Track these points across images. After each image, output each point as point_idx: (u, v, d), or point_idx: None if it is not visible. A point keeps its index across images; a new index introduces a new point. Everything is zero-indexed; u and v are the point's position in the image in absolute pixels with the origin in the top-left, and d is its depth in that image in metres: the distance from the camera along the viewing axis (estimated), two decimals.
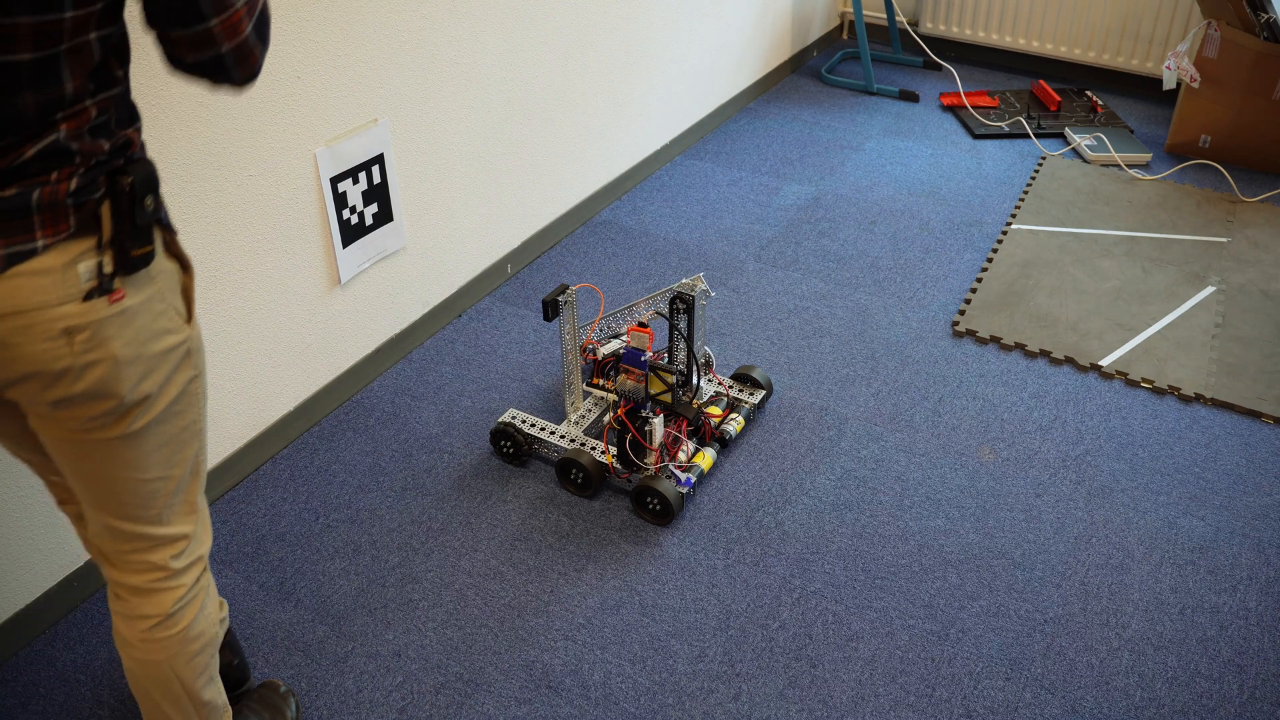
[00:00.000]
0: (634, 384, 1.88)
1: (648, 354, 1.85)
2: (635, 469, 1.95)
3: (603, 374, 2.15)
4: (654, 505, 1.93)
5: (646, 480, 1.91)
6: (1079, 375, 2.33)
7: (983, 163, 3.31)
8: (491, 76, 2.43)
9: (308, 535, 1.95)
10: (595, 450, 2.02)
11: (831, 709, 1.61)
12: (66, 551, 1.78)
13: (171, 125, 1.72)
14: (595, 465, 1.97)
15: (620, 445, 1.94)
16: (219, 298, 1.91)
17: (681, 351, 2.05)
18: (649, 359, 1.85)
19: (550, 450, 2.07)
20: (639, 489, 1.93)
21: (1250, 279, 2.65)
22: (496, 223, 2.64)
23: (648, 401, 1.88)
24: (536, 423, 2.09)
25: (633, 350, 1.86)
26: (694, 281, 1.99)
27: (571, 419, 2.12)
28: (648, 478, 1.92)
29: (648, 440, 1.91)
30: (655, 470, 1.94)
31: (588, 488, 2.00)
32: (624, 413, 1.90)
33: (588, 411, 2.15)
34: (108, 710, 1.63)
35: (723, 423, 2.08)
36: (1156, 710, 1.60)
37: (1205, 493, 2.00)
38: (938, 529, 1.93)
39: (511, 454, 2.09)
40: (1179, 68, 3.18)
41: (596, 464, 1.98)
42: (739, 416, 2.11)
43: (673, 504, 1.90)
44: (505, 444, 2.08)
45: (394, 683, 1.66)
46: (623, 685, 1.65)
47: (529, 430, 2.07)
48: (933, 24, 4.04)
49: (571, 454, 1.98)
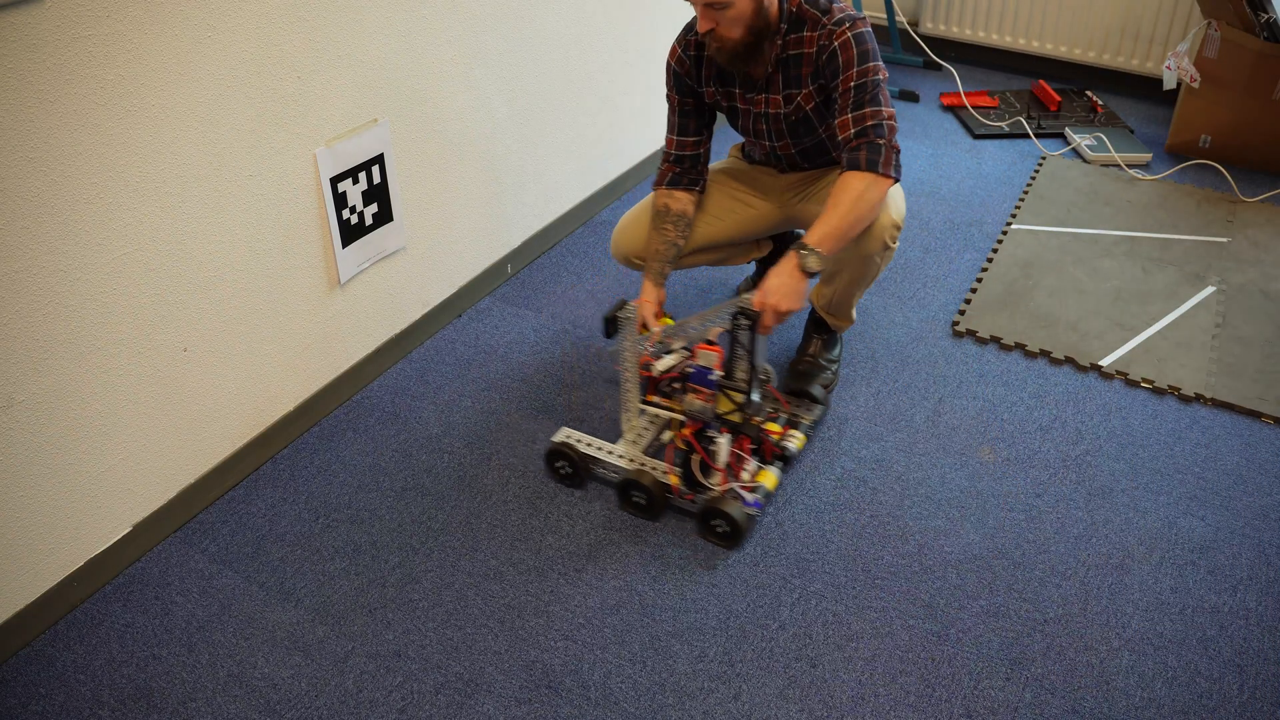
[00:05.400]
0: (702, 403, 1.82)
1: (717, 373, 1.79)
2: (700, 490, 1.89)
3: (657, 391, 2.01)
4: (721, 528, 1.86)
5: (713, 502, 1.85)
6: (1079, 375, 2.33)
7: (983, 163, 3.30)
8: (491, 76, 2.44)
9: (308, 535, 1.95)
10: (657, 471, 1.94)
11: (831, 709, 1.61)
12: (66, 551, 1.79)
13: (171, 125, 1.72)
14: (658, 486, 1.90)
15: (685, 466, 1.87)
16: (219, 298, 1.92)
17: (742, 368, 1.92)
18: (718, 378, 1.79)
19: (609, 471, 2.00)
20: (705, 511, 1.86)
21: (1250, 279, 2.65)
22: (496, 223, 2.64)
23: (715, 421, 1.82)
24: (593, 442, 2.02)
25: (701, 369, 1.80)
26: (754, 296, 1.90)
27: (629, 437, 2.00)
28: (714, 499, 1.85)
29: (714, 460, 1.84)
30: (721, 491, 1.87)
31: (650, 510, 1.93)
32: (691, 433, 1.84)
33: (644, 429, 2.04)
34: (108, 710, 1.63)
35: (782, 440, 1.99)
36: (1156, 710, 1.60)
37: (1205, 493, 2.00)
38: (938, 529, 1.93)
39: (568, 475, 2.02)
40: (1179, 68, 3.18)
41: (659, 485, 1.90)
42: (798, 433, 2.02)
43: (741, 526, 1.83)
44: (562, 464, 2.01)
45: (394, 683, 1.66)
46: (623, 685, 1.65)
47: (586, 450, 2.00)
48: (933, 24, 4.04)
49: (633, 475, 1.91)
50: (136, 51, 1.63)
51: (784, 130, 2.07)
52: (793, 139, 2.09)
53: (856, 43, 1.87)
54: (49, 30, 1.50)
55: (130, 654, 1.73)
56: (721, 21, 1.85)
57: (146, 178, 1.71)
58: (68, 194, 1.60)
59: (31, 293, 1.59)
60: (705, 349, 1.83)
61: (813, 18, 1.91)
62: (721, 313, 1.89)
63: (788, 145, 2.11)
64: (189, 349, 1.89)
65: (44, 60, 1.50)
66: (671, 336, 1.97)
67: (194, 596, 1.83)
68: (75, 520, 1.78)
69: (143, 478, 1.88)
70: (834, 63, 1.89)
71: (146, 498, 1.90)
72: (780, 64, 1.96)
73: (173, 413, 1.90)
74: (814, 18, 1.91)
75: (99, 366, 1.74)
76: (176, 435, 1.92)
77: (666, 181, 2.14)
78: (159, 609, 1.81)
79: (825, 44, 1.90)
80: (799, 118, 2.03)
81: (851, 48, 1.87)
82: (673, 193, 2.14)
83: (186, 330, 1.87)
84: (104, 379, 1.75)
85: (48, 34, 1.50)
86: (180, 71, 1.70)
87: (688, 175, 2.14)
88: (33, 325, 1.61)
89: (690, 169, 2.14)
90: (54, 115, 1.54)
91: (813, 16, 1.91)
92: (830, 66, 1.90)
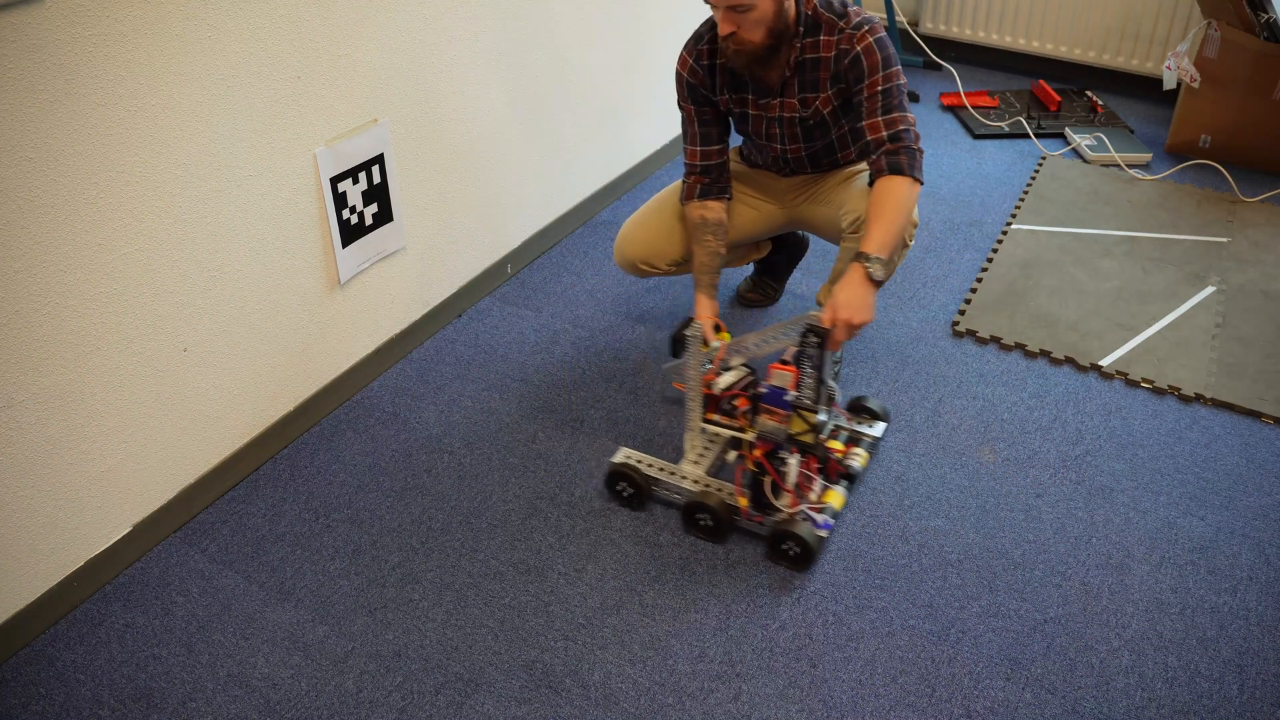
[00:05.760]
0: (776, 424, 1.78)
1: (792, 393, 1.75)
2: (769, 512, 1.84)
3: (717, 409, 1.94)
4: (792, 550, 1.81)
5: (783, 524, 1.81)
6: (1079, 375, 2.33)
7: (983, 163, 3.30)
8: (491, 76, 2.43)
9: (308, 535, 1.95)
10: (723, 492, 1.89)
11: (831, 709, 1.61)
12: (66, 551, 1.79)
13: (171, 126, 1.72)
14: (725, 509, 1.85)
15: (755, 488, 1.83)
16: (219, 298, 1.92)
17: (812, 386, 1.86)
18: (794, 398, 1.75)
19: (672, 492, 1.95)
20: (776, 534, 1.82)
21: (1250, 279, 2.65)
22: (496, 222, 2.64)
23: (788, 442, 1.79)
24: (654, 463, 1.97)
25: (775, 390, 1.76)
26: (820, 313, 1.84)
27: (690, 458, 1.97)
28: (784, 522, 1.81)
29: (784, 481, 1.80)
30: (792, 513, 1.83)
31: (717, 532, 1.88)
32: (762, 454, 1.80)
33: (705, 449, 1.99)
34: (108, 710, 1.63)
35: (846, 458, 1.96)
36: (1156, 710, 1.60)
37: (1205, 493, 2.00)
38: (938, 529, 1.93)
39: (630, 497, 1.96)
40: (1179, 68, 3.18)
41: (727, 507, 1.85)
42: (862, 451, 2.00)
43: (813, 549, 1.79)
44: (624, 486, 1.96)
45: (394, 683, 1.66)
46: (623, 685, 1.65)
47: (649, 471, 1.95)
48: (933, 24, 4.04)
49: (699, 497, 1.86)
50: (136, 51, 1.63)
51: (798, 134, 2.07)
52: (805, 142, 2.09)
53: (879, 47, 1.90)
54: (49, 30, 1.50)
55: (130, 654, 1.73)
56: (743, 25, 1.85)
57: (146, 178, 1.71)
58: (68, 194, 1.60)
59: (31, 292, 1.59)
60: (780, 369, 1.76)
61: (829, 22, 1.92)
62: (787, 330, 1.86)
63: (799, 149, 2.11)
64: (189, 349, 1.89)
65: (44, 60, 1.50)
66: (733, 353, 1.94)
67: (194, 596, 1.83)
68: (75, 520, 1.78)
69: (143, 478, 1.88)
70: (858, 67, 1.90)
71: (146, 498, 1.90)
72: (798, 68, 1.97)
73: (173, 413, 1.90)
74: (830, 22, 1.92)
75: (99, 366, 1.74)
76: (176, 435, 1.92)
77: (698, 194, 2.12)
78: (159, 609, 1.81)
79: (846, 48, 1.91)
80: (816, 121, 2.03)
81: (875, 52, 1.89)
82: (706, 203, 2.12)
83: (186, 330, 1.87)
84: (104, 379, 1.75)
85: (48, 34, 1.50)
86: (180, 71, 1.70)
87: (717, 184, 2.12)
88: (33, 325, 1.61)
89: (719, 177, 2.13)
90: (54, 115, 1.54)
91: (829, 20, 1.92)
92: (854, 71, 1.91)
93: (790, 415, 1.75)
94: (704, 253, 2.12)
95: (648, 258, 2.23)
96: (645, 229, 2.23)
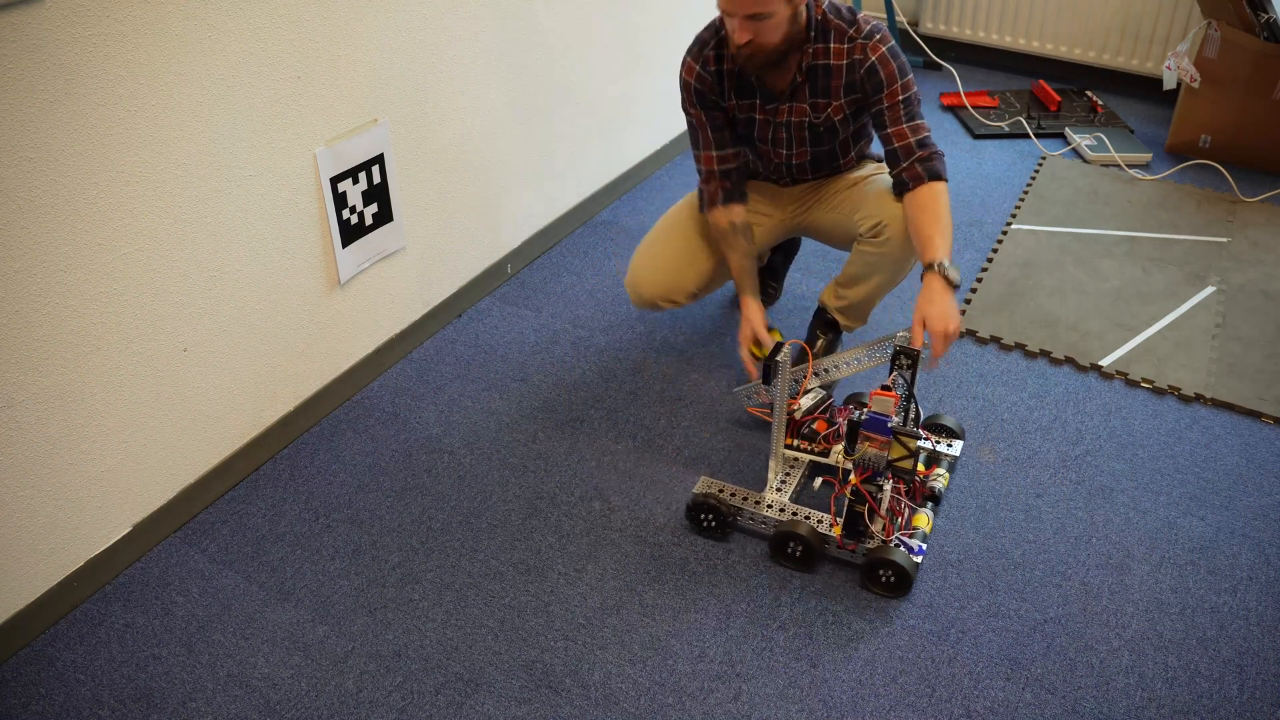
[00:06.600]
0: (876, 451, 1.73)
1: (894, 419, 1.72)
2: (862, 539, 1.80)
3: (798, 433, 1.94)
4: (888, 578, 1.78)
5: (878, 552, 1.77)
6: (1079, 375, 2.33)
7: (983, 163, 3.30)
8: (491, 76, 2.44)
9: (308, 535, 1.95)
10: (811, 519, 1.85)
11: (831, 709, 1.61)
12: (66, 551, 1.79)
13: (171, 126, 1.72)
14: (815, 537, 1.81)
15: (851, 516, 1.79)
16: (219, 298, 1.92)
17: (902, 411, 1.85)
18: (895, 424, 1.71)
19: (758, 522, 1.90)
20: (872, 561, 1.78)
21: (1250, 279, 2.65)
22: (496, 222, 2.64)
23: (886, 468, 1.76)
24: (737, 491, 1.92)
25: (876, 416, 1.72)
26: (908, 334, 1.83)
27: (773, 484, 1.94)
28: (878, 549, 1.77)
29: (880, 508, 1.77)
30: (886, 539, 1.79)
31: (807, 561, 1.83)
32: (859, 481, 1.77)
33: (787, 475, 1.96)
34: (108, 710, 1.63)
35: (929, 480, 1.94)
36: (1156, 710, 1.60)
37: (1205, 493, 2.00)
38: (938, 529, 1.93)
39: (713, 527, 1.90)
40: (1179, 68, 3.18)
41: (817, 536, 1.81)
42: (944, 471, 1.96)
43: (911, 575, 1.76)
44: (707, 518, 1.90)
45: (394, 683, 1.66)
46: (623, 685, 1.65)
47: (732, 500, 1.90)
48: (933, 24, 4.04)
49: (789, 526, 1.82)
50: (136, 51, 1.63)
51: (805, 138, 2.07)
52: (813, 147, 2.09)
53: (893, 56, 1.94)
54: (49, 30, 1.50)
55: (130, 654, 1.73)
56: (761, 32, 1.85)
57: (146, 178, 1.71)
58: (68, 194, 1.60)
59: (31, 292, 1.59)
60: (881, 395, 1.73)
61: (838, 28, 1.94)
62: (871, 352, 1.86)
63: (804, 154, 2.11)
64: (189, 349, 1.89)
65: (44, 60, 1.50)
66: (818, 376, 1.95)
67: (194, 596, 1.83)
68: (75, 520, 1.78)
69: (143, 478, 1.88)
70: (875, 77, 1.94)
71: (146, 498, 1.90)
72: (809, 73, 1.97)
73: (173, 413, 1.90)
74: (840, 29, 1.94)
75: (99, 366, 1.74)
76: (176, 435, 1.92)
77: (721, 199, 2.10)
78: (159, 609, 1.81)
79: (860, 58, 1.93)
80: (826, 127, 2.04)
81: (890, 62, 1.93)
82: (730, 208, 2.11)
83: (186, 330, 1.87)
84: (104, 379, 1.75)
85: (48, 34, 1.50)
86: (180, 71, 1.70)
87: (737, 188, 2.12)
88: (33, 325, 1.61)
89: (738, 181, 2.12)
90: (54, 115, 1.54)
91: (838, 27, 1.94)
92: (871, 81, 1.94)
93: (889, 441, 1.72)
94: (739, 256, 2.13)
95: (667, 293, 2.18)
96: (657, 260, 2.19)
